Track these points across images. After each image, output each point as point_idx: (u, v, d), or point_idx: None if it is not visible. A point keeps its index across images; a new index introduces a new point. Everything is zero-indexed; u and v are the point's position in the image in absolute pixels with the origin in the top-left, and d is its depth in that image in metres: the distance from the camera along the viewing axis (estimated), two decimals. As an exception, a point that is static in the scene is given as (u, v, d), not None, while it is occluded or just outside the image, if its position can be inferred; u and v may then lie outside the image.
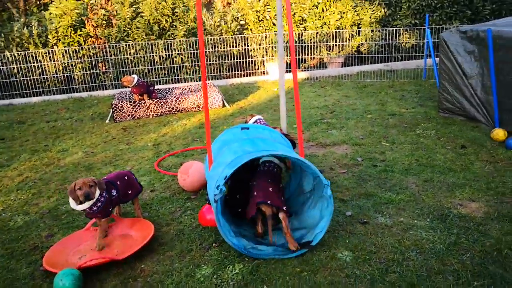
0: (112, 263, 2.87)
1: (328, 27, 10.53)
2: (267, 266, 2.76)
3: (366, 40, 10.57)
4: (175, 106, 7.52)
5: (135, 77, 7.43)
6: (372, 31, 10.50)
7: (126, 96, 7.96)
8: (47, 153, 5.77)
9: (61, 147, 5.97)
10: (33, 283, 2.77)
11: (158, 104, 7.43)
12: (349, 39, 10.54)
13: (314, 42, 10.40)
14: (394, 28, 10.24)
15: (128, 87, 7.49)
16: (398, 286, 2.48)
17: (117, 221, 3.46)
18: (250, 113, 7.16)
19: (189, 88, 8.48)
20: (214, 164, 3.31)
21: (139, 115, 7.38)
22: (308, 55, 10.56)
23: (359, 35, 10.60)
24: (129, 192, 3.42)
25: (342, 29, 10.57)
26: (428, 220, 3.23)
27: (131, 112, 7.32)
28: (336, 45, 10.49)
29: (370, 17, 10.69)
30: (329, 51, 10.56)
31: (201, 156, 5.23)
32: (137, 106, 7.33)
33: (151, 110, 7.42)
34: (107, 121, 7.31)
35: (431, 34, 8.35)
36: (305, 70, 10.48)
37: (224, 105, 7.78)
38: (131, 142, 5.98)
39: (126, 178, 3.46)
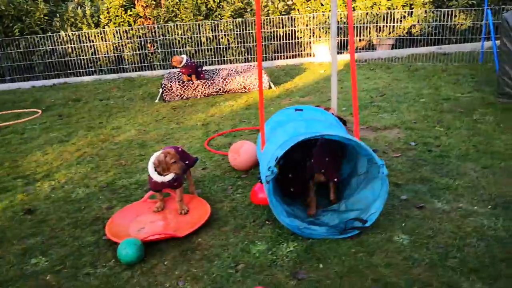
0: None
1: (379, 8, 10.18)
2: (321, 245, 2.77)
3: (418, 22, 10.15)
4: (222, 87, 7.58)
5: (184, 57, 7.54)
6: (425, 12, 10.05)
7: (175, 76, 8.10)
8: (102, 130, 6.01)
9: (115, 125, 6.20)
10: (98, 251, 2.93)
11: (206, 85, 7.51)
12: (400, 20, 10.16)
13: (363, 23, 10.10)
14: (449, 9, 9.76)
15: (177, 67, 7.62)
16: (459, 271, 2.42)
17: (173, 196, 3.56)
18: (296, 100, 7.12)
19: (236, 70, 8.51)
20: (267, 145, 3.33)
21: (187, 95, 7.51)
22: (356, 36, 10.29)
23: (411, 16, 10.18)
24: (187, 162, 3.53)
25: (394, 9, 10.18)
26: (489, 207, 3.11)
27: (179, 93, 7.46)
28: (386, 26, 10.15)
29: (424, -3, 10.22)
30: (378, 32, 10.23)
31: (250, 136, 5.27)
32: (185, 87, 7.45)
33: (198, 91, 7.53)
34: (156, 100, 7.50)
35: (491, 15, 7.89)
36: (352, 52, 10.22)
37: (270, 87, 7.76)
38: (181, 122, 6.11)
39: (180, 150, 3.57)
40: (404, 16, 10.16)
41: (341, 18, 10.16)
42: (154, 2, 9.69)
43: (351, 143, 2.97)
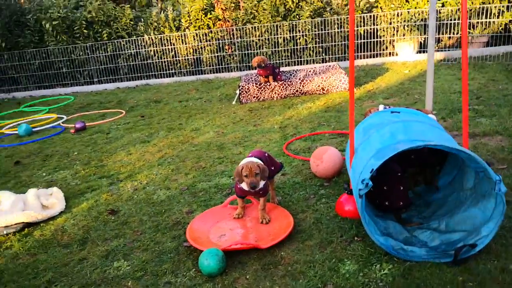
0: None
1: (472, 2, 9.31)
2: (421, 270, 2.44)
3: (518, 16, 9.11)
4: (299, 88, 7.36)
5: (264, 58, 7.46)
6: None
7: (252, 78, 8.03)
8: (181, 131, 6.08)
9: (194, 126, 6.24)
10: (178, 258, 2.86)
11: (283, 87, 7.34)
12: (496, 15, 9.20)
13: (453, 20, 9.30)
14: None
15: (255, 68, 7.54)
16: None
17: (254, 203, 3.42)
18: (378, 102, 6.68)
19: (313, 70, 8.24)
20: (359, 151, 3.05)
21: (264, 97, 7.39)
22: (445, 34, 9.51)
23: (508, 11, 9.18)
24: (272, 168, 3.37)
25: (489, 3, 9.25)
26: None
27: (256, 94, 7.36)
28: (479, 22, 9.25)
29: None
30: (470, 29, 9.36)
31: (330, 141, 4.99)
32: (262, 88, 7.34)
33: (275, 93, 7.38)
34: (233, 102, 7.47)
35: None
36: (440, 51, 9.47)
37: (350, 88, 7.37)
38: (258, 124, 5.99)
39: (267, 155, 3.41)
40: (502, 12, 9.18)
41: (428, 15, 9.43)
42: (233, 5, 9.72)
43: (461, 155, 2.59)
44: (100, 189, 4.28)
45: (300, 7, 9.69)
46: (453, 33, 9.42)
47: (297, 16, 9.73)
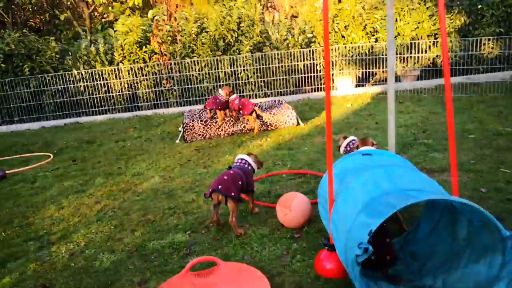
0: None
1: (403, 38, 9.78)
2: None
3: (444, 51, 9.70)
4: (247, 125, 7.04)
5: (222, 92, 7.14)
6: (451, 41, 9.63)
7: (196, 114, 7.59)
8: (121, 176, 5.42)
9: (135, 170, 5.61)
10: None
11: (230, 123, 6.98)
12: (425, 51, 9.73)
13: (386, 54, 9.65)
14: (476, 38, 9.33)
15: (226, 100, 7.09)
16: None
17: (220, 266, 2.93)
18: (342, 134, 6.55)
19: (259, 106, 8.00)
20: (339, 202, 2.72)
21: (210, 135, 6.96)
22: (379, 68, 9.84)
23: (435, 46, 9.76)
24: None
25: (418, 39, 9.78)
26: None
27: (202, 132, 6.92)
28: (411, 57, 9.71)
29: (449, 26, 9.83)
30: (402, 63, 9.78)
31: (289, 182, 4.67)
32: (208, 125, 6.92)
33: (221, 129, 6.99)
34: (177, 141, 6.95)
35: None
36: (375, 84, 9.77)
37: (298, 123, 7.22)
38: (208, 165, 5.53)
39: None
40: (430, 47, 9.73)
41: (363, 49, 9.74)
42: (170, 38, 9.31)
43: (466, 208, 2.35)
44: (26, 256, 3.53)
45: (239, 41, 9.53)
46: (386, 67, 9.76)
47: (237, 51, 9.54)
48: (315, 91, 9.90)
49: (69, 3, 10.72)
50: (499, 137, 5.55)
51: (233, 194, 3.50)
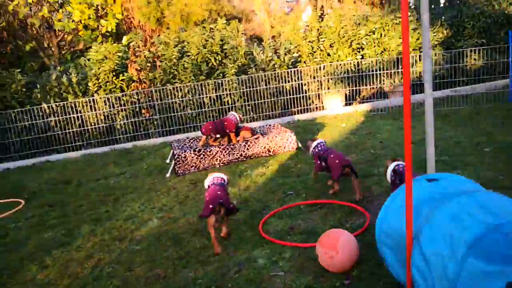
0: None
1: (389, 53, 9.57)
2: None
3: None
4: (243, 152, 6.44)
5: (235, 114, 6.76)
6: (435, 54, 9.50)
7: (185, 144, 6.93)
8: (112, 222, 4.65)
9: (128, 213, 4.86)
10: None
11: (225, 151, 6.36)
12: (412, 65, 9.54)
13: (372, 71, 9.40)
14: (460, 50, 9.25)
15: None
16: None
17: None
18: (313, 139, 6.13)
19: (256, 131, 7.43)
20: (423, 242, 2.16)
21: (204, 165, 6.30)
22: (366, 85, 9.55)
23: (420, 60, 9.61)
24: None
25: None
26: None
27: (195, 163, 6.25)
28: (398, 72, 9.48)
29: (432, 39, 9.73)
30: (390, 79, 9.53)
31: (311, 214, 4.10)
32: (201, 155, 6.27)
33: (216, 159, 6.35)
34: (167, 175, 6.23)
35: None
36: (362, 102, 9.45)
37: (298, 147, 6.69)
38: (211, 201, 4.86)
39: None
40: (416, 61, 9.57)
41: (349, 66, 9.45)
42: (149, 64, 8.68)
43: None
44: None
45: (223, 64, 9.01)
46: (373, 84, 9.49)
47: (222, 74, 9.01)
48: (303, 112, 9.45)
49: (35, 32, 9.91)
50: (514, 149, 5.26)
51: (231, 206, 3.75)
